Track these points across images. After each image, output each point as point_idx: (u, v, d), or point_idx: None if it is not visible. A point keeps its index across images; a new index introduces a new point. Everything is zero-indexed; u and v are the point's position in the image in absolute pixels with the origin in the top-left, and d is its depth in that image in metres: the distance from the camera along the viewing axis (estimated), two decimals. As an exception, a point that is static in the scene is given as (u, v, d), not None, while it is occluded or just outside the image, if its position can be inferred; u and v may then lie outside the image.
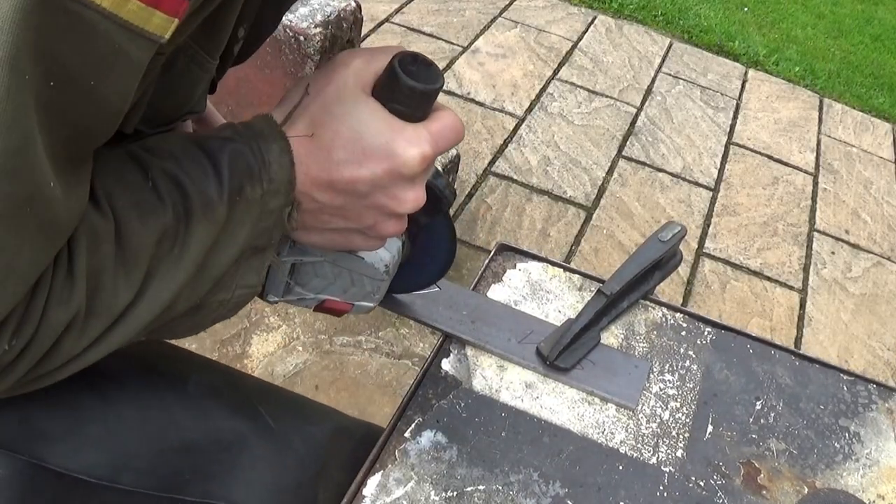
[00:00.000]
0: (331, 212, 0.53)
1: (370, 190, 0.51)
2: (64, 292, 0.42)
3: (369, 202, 0.52)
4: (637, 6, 3.29)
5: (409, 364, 1.69)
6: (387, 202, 0.52)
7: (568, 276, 0.85)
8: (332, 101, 0.50)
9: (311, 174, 0.51)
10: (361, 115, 0.50)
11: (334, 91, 0.51)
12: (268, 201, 0.50)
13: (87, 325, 0.45)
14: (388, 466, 0.65)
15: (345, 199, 0.52)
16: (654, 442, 0.71)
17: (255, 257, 0.53)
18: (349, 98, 0.50)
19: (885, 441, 0.76)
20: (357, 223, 0.54)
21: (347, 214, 0.53)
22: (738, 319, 2.02)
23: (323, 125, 0.50)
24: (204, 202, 0.48)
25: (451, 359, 0.74)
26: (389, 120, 0.50)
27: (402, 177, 0.51)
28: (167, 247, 0.47)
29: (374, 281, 0.62)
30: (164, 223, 0.46)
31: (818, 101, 3.07)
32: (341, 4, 1.60)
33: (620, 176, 2.38)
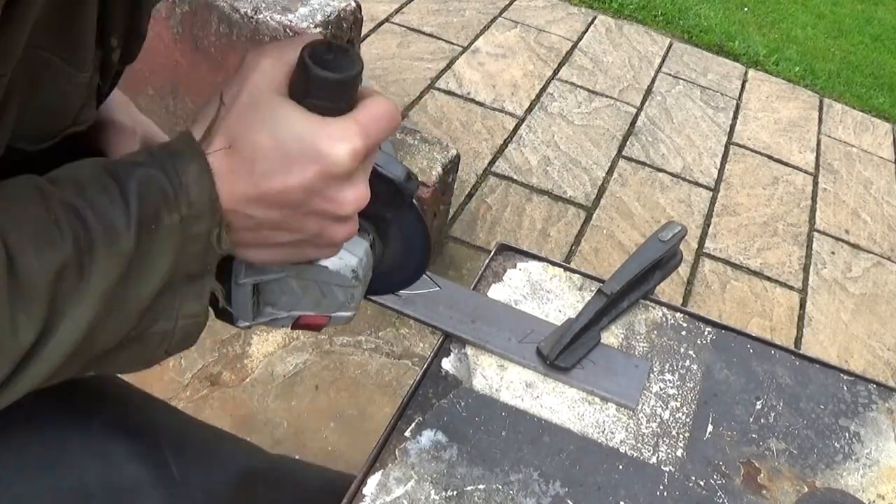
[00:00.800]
0: (270, 226, 0.50)
1: (305, 197, 0.48)
2: None
3: (308, 209, 0.49)
4: (637, 6, 3.29)
5: (409, 364, 1.69)
6: (326, 206, 0.49)
7: (568, 275, 0.85)
8: (245, 109, 0.47)
9: (237, 191, 0.47)
10: (278, 119, 0.46)
11: (246, 98, 0.47)
12: (189, 226, 0.47)
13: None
14: (388, 465, 0.65)
15: (280, 211, 0.49)
16: (655, 441, 0.71)
17: (192, 285, 0.50)
18: (262, 103, 0.47)
19: (885, 441, 0.76)
20: (302, 234, 0.51)
21: (289, 226, 0.50)
22: (738, 319, 2.02)
23: (241, 137, 0.47)
24: (106, 233, 0.45)
25: (452, 358, 0.74)
26: (309, 119, 0.46)
27: (335, 177, 0.47)
28: (70, 281, 0.44)
29: (346, 289, 0.59)
30: (62, 257, 0.44)
31: (818, 101, 3.07)
32: (341, 4, 1.60)
33: (620, 176, 2.38)
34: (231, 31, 1.54)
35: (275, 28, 1.50)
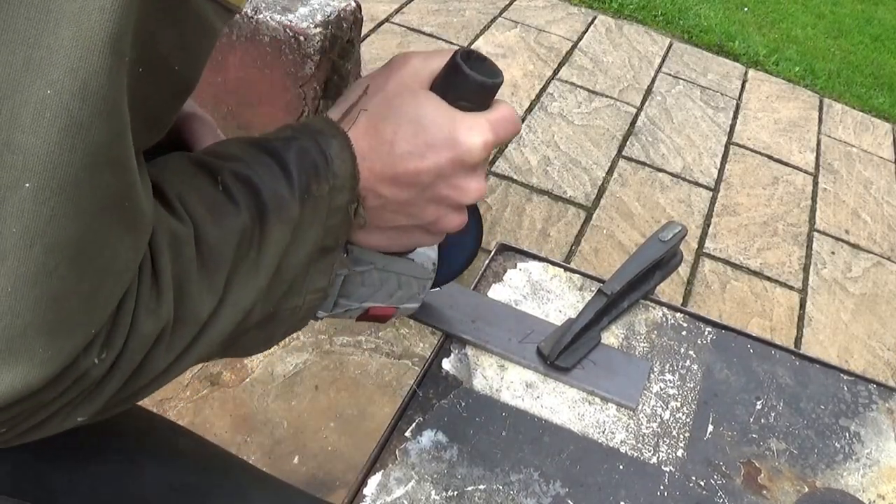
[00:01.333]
0: (394, 208, 0.52)
1: (433, 181, 0.51)
2: (152, 301, 0.40)
3: (433, 194, 0.52)
4: (637, 6, 3.29)
5: (409, 364, 1.69)
6: (450, 193, 0.52)
7: (568, 275, 0.85)
8: (391, 96, 0.51)
9: (375, 169, 0.50)
10: (422, 107, 0.50)
11: (394, 88, 0.51)
12: (334, 198, 0.49)
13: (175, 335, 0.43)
14: (388, 466, 0.65)
15: (409, 192, 0.51)
16: (655, 441, 0.71)
17: (324, 259, 0.52)
18: (408, 93, 0.51)
19: (885, 441, 0.76)
20: (420, 219, 0.54)
21: (411, 210, 0.53)
22: (738, 319, 2.02)
23: (384, 119, 0.50)
24: (277, 202, 0.47)
25: (452, 358, 0.74)
26: (450, 111, 0.50)
27: (465, 165, 0.51)
28: (245, 250, 0.46)
29: (421, 281, 0.61)
30: (240, 225, 0.45)
31: (818, 101, 3.07)
32: (341, 4, 1.60)
33: (620, 176, 2.38)
34: (231, 31, 1.54)
35: (275, 28, 1.50)
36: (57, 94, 0.32)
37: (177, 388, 1.52)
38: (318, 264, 0.51)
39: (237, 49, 1.55)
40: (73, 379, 0.37)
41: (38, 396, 0.36)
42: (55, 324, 0.35)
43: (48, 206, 0.33)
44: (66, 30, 0.32)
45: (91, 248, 0.35)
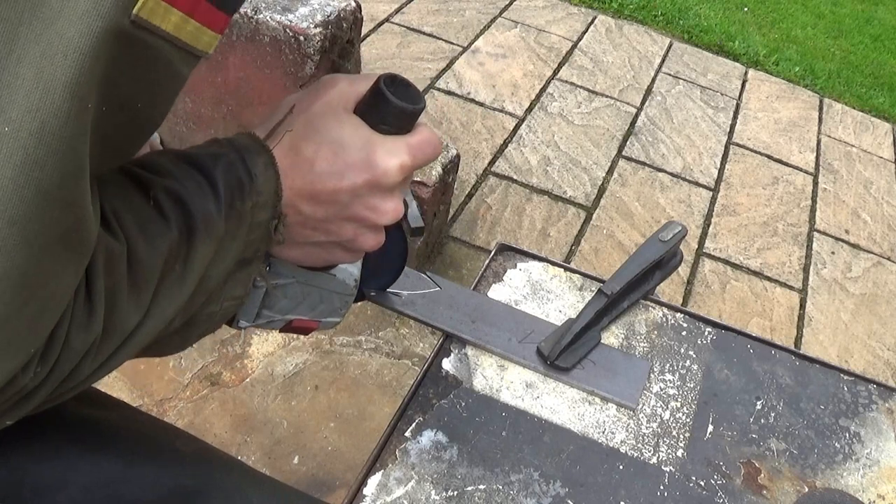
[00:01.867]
0: (313, 225, 0.54)
1: (350, 200, 0.53)
2: (84, 317, 0.42)
3: (350, 213, 0.54)
4: (637, 6, 3.29)
5: (409, 364, 1.69)
6: (366, 213, 0.54)
7: (568, 275, 0.85)
8: (315, 117, 0.52)
9: (295, 186, 0.52)
10: (342, 129, 0.52)
11: (318, 108, 0.53)
12: (256, 214, 0.51)
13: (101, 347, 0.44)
14: (388, 466, 0.65)
15: (327, 210, 0.53)
16: (655, 441, 0.71)
17: (242, 270, 0.54)
18: (332, 114, 0.52)
19: (885, 441, 0.76)
20: (338, 236, 0.55)
21: (329, 227, 0.55)
22: (738, 319, 2.01)
23: (305, 139, 0.52)
24: (205, 219, 0.48)
25: (452, 358, 0.74)
26: (369, 134, 0.52)
27: (381, 187, 0.53)
28: (171, 265, 0.47)
29: (343, 296, 0.63)
30: (169, 242, 0.46)
31: (818, 101, 3.07)
32: (341, 4, 1.60)
33: (620, 176, 2.38)
34: (231, 31, 1.54)
35: (274, 28, 1.50)
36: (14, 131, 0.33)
37: (177, 388, 1.52)
38: (237, 275, 0.53)
39: (237, 49, 1.55)
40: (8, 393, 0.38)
41: None
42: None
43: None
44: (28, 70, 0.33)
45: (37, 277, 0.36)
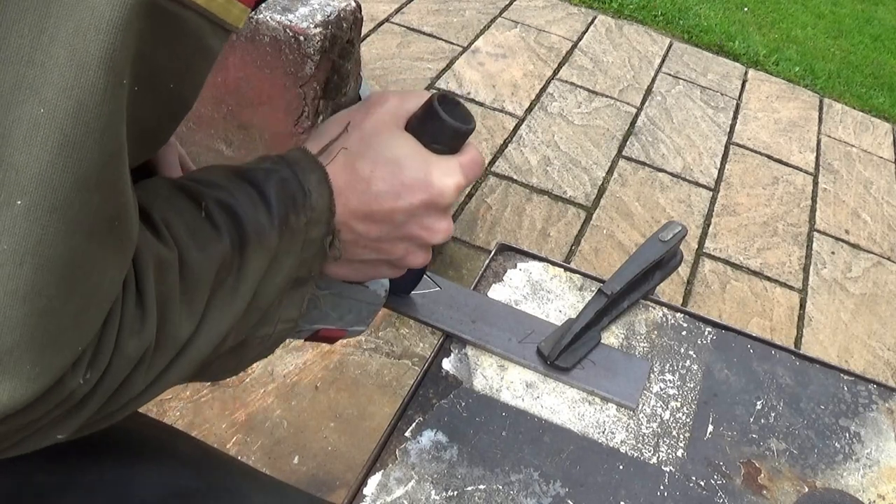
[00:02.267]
0: (365, 243, 0.54)
1: (406, 220, 0.53)
2: (136, 323, 0.40)
3: (404, 233, 0.54)
4: (637, 6, 3.29)
5: (409, 364, 1.69)
6: (420, 233, 0.54)
7: (568, 275, 0.85)
8: (370, 135, 0.52)
9: (351, 206, 0.52)
10: (400, 148, 0.52)
11: (372, 126, 0.52)
12: (310, 230, 0.50)
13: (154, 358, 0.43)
14: (388, 466, 0.65)
15: (381, 229, 0.53)
16: (655, 441, 0.71)
17: (297, 290, 0.53)
18: (386, 133, 0.52)
19: (885, 441, 0.76)
20: (388, 255, 0.55)
21: (381, 246, 0.54)
22: (738, 319, 2.01)
23: (362, 158, 0.52)
24: (257, 231, 0.47)
25: (452, 358, 0.74)
26: (425, 154, 0.52)
27: (437, 207, 0.53)
28: (223, 276, 0.46)
29: (371, 306, 0.63)
30: (221, 252, 0.45)
31: (818, 101, 3.07)
32: (341, 4, 1.60)
33: (620, 176, 2.38)
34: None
35: (274, 28, 1.50)
36: (50, 112, 0.32)
37: (177, 388, 1.52)
38: (291, 295, 0.52)
39: (237, 49, 1.55)
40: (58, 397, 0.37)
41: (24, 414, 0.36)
42: (43, 341, 0.35)
43: (39, 225, 0.33)
44: (61, 49, 0.32)
45: (80, 267, 0.35)
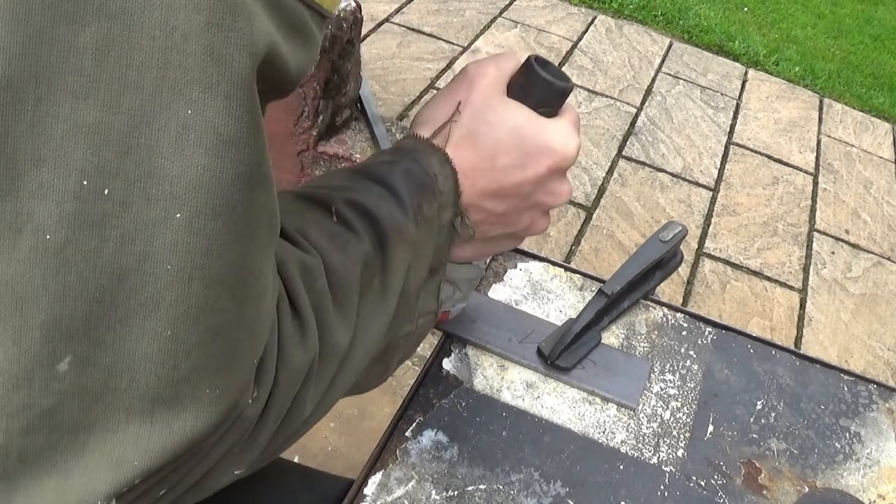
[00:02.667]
0: (493, 220, 0.53)
1: (533, 190, 0.52)
2: (296, 333, 0.38)
3: (531, 202, 0.53)
4: (637, 6, 3.29)
5: (409, 364, 1.69)
6: (545, 199, 0.53)
7: (569, 275, 0.85)
8: (481, 110, 0.51)
9: (479, 185, 0.50)
10: (515, 118, 0.51)
11: (481, 101, 0.51)
12: (442, 215, 0.49)
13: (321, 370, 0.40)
14: (388, 465, 0.65)
15: (509, 203, 0.52)
16: (655, 441, 0.71)
17: (433, 280, 0.51)
18: (497, 105, 0.51)
19: (885, 441, 0.76)
20: (514, 227, 0.54)
21: (508, 220, 0.53)
22: (738, 319, 2.02)
23: (479, 134, 0.50)
24: (394, 226, 0.46)
25: (452, 358, 0.74)
26: (539, 119, 0.51)
27: (562, 170, 0.52)
28: (369, 277, 0.44)
29: (472, 281, 0.62)
30: (363, 252, 0.44)
31: (818, 101, 3.07)
32: (341, 4, 1.60)
33: (620, 176, 2.38)
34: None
35: (275, 28, 1.50)
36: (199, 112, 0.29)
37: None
38: (428, 285, 0.51)
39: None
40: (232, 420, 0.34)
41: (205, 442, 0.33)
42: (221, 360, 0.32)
43: (204, 236, 0.30)
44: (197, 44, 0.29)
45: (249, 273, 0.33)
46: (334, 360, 0.41)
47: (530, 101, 0.52)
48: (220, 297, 0.31)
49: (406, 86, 2.45)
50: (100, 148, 0.28)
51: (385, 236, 0.45)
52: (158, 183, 0.29)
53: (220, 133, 0.30)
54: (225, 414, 0.33)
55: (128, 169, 0.29)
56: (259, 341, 0.34)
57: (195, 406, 0.32)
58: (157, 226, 0.29)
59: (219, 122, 0.30)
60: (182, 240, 0.30)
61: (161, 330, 0.30)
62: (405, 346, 0.51)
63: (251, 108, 0.31)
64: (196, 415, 0.32)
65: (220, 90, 0.30)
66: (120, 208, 0.29)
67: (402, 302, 0.47)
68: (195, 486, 0.36)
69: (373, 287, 0.44)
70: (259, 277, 0.34)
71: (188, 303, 0.30)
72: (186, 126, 0.29)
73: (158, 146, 0.29)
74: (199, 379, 0.31)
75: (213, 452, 0.35)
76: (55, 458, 0.30)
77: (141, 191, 0.29)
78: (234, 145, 0.30)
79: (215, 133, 0.30)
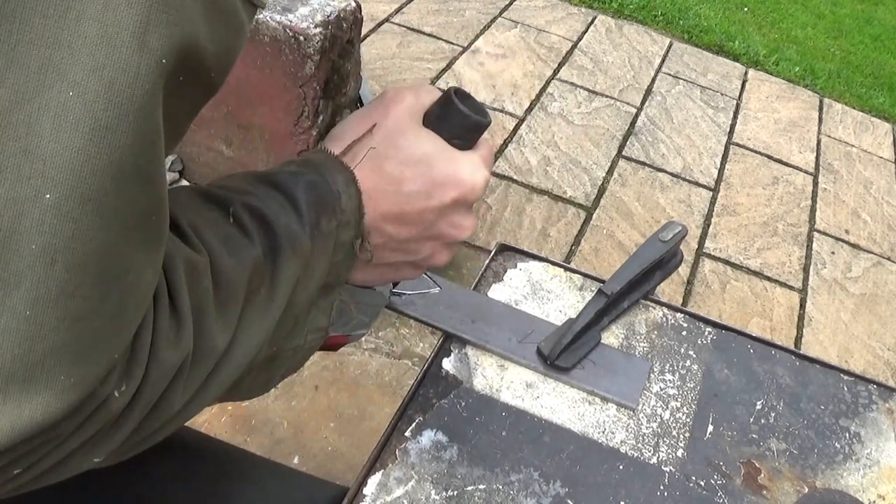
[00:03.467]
0: (394, 246, 0.53)
1: (436, 219, 0.52)
2: (171, 331, 0.38)
3: (433, 232, 0.53)
4: (637, 6, 3.29)
5: (409, 364, 1.69)
6: (447, 230, 0.53)
7: (569, 275, 0.85)
8: (394, 134, 0.51)
9: (382, 208, 0.50)
10: (426, 146, 0.51)
11: (394, 125, 0.51)
12: (340, 233, 0.49)
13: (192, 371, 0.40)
14: (388, 465, 0.65)
15: (411, 230, 0.52)
16: (655, 441, 0.71)
17: (326, 297, 0.51)
18: (409, 131, 0.51)
19: (885, 441, 0.76)
20: (415, 255, 0.54)
21: (410, 247, 0.53)
22: (738, 319, 2.01)
23: (388, 158, 0.50)
24: (289, 236, 0.45)
25: (452, 358, 0.74)
26: (450, 150, 0.52)
27: (467, 203, 0.53)
28: (256, 284, 0.44)
29: (376, 308, 0.62)
30: (254, 258, 0.43)
31: (818, 101, 3.07)
32: (341, 4, 1.60)
33: (620, 176, 2.38)
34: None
35: (274, 28, 1.50)
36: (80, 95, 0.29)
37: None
38: (321, 302, 0.51)
39: (237, 49, 1.54)
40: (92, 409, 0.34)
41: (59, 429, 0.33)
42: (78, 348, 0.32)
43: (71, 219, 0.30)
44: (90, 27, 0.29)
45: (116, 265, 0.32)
46: (209, 360, 0.41)
47: (444, 132, 0.52)
48: (82, 283, 0.31)
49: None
50: None
51: (278, 246, 0.45)
52: (32, 161, 0.29)
53: (98, 118, 0.30)
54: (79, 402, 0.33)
55: (4, 143, 0.29)
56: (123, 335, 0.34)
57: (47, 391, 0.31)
58: (27, 203, 0.29)
59: (98, 108, 0.30)
60: (49, 220, 0.30)
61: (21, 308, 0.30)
62: (292, 359, 0.51)
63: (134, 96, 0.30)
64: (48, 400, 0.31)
65: (104, 75, 0.30)
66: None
67: (289, 314, 0.47)
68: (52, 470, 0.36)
69: (259, 294, 0.44)
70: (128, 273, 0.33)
71: (48, 284, 0.30)
72: (66, 108, 0.29)
73: (37, 124, 0.29)
74: (54, 364, 0.31)
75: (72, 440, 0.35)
76: None
77: (14, 166, 0.29)
78: (112, 132, 0.30)
79: (93, 117, 0.30)
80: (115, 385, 0.35)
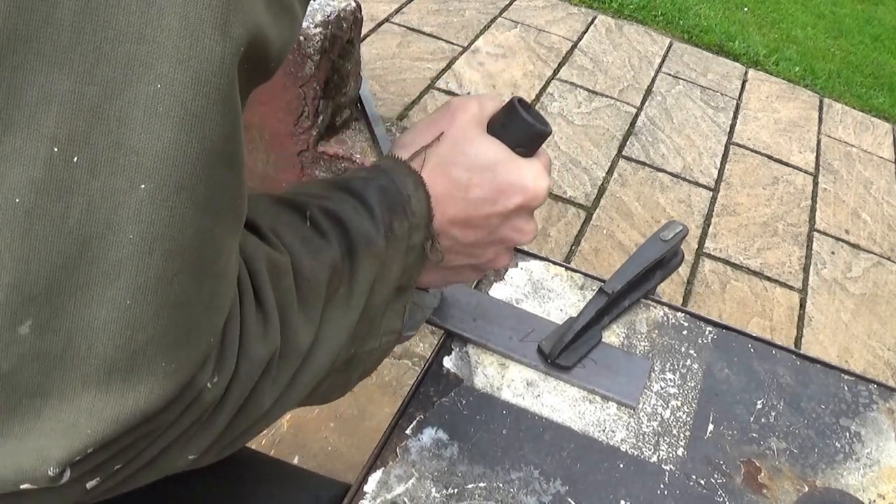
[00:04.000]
0: (459, 249, 0.54)
1: (501, 223, 0.53)
2: (258, 325, 0.39)
3: (497, 237, 0.54)
4: (637, 6, 3.29)
5: (409, 364, 1.69)
6: (511, 234, 0.55)
7: (569, 274, 0.86)
8: (460, 142, 0.52)
9: (449, 213, 0.52)
10: (491, 153, 0.52)
11: (461, 133, 0.52)
12: (412, 235, 0.50)
13: (279, 369, 0.41)
14: (389, 463, 0.65)
15: (477, 234, 0.53)
16: (655, 440, 0.71)
17: (399, 299, 0.52)
18: (476, 139, 0.52)
19: (885, 441, 0.76)
20: (478, 259, 0.56)
21: (474, 251, 0.55)
22: (738, 319, 2.02)
23: (455, 164, 0.52)
24: (365, 238, 0.47)
25: (453, 356, 0.74)
26: (515, 157, 0.53)
27: (530, 209, 0.54)
28: (335, 285, 0.45)
29: (427, 310, 0.63)
30: (332, 259, 0.45)
31: (818, 101, 3.07)
32: (341, 4, 1.60)
33: (620, 176, 2.38)
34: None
35: (275, 27, 1.50)
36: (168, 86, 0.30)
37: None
38: (394, 304, 0.52)
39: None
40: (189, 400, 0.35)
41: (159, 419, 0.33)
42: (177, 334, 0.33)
43: (166, 207, 0.31)
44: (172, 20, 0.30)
45: (209, 250, 0.33)
46: (295, 359, 0.42)
47: (508, 139, 0.54)
48: (179, 270, 0.32)
49: (406, 86, 2.45)
50: (72, 117, 0.29)
51: (355, 247, 0.46)
52: (125, 153, 0.30)
53: (188, 108, 0.30)
54: (179, 389, 0.33)
55: (97, 138, 0.29)
56: (217, 320, 0.35)
57: (150, 378, 0.32)
58: (123, 195, 0.30)
59: (187, 98, 0.30)
60: (145, 210, 0.30)
61: (121, 299, 0.30)
62: (367, 361, 0.52)
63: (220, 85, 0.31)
64: (150, 387, 0.32)
65: (191, 66, 0.30)
66: (88, 176, 0.29)
67: (366, 315, 0.48)
68: (150, 465, 0.36)
69: (339, 294, 0.45)
70: (220, 257, 0.34)
71: (148, 273, 0.31)
72: (155, 100, 0.30)
73: (128, 118, 0.30)
74: (156, 351, 0.32)
75: (170, 432, 0.35)
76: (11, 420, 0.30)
77: (108, 160, 0.30)
78: (201, 121, 0.31)
79: (183, 108, 0.30)
80: (209, 376, 0.35)
